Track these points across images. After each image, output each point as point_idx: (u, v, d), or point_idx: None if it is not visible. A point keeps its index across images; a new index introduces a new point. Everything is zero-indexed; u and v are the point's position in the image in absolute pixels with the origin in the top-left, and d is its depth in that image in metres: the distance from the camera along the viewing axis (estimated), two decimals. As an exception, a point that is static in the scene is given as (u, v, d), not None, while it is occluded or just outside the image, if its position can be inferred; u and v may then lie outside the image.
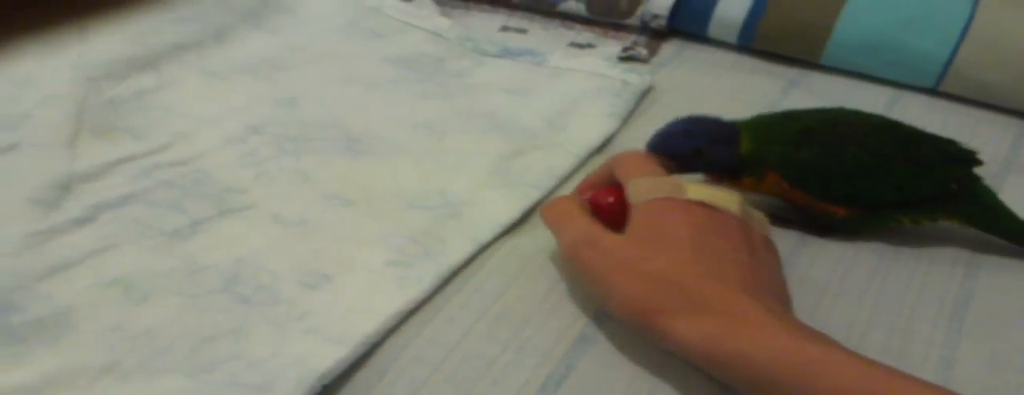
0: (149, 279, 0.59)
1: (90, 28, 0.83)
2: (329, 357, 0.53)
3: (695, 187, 0.56)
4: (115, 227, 0.62)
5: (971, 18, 0.82)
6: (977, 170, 0.64)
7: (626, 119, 0.78)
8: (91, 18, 0.85)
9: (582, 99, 0.79)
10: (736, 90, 0.84)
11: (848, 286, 0.62)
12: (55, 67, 0.77)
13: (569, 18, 0.94)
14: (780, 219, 0.65)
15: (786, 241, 0.64)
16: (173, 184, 0.66)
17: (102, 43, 0.81)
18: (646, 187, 0.57)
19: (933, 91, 0.84)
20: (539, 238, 0.65)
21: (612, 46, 0.89)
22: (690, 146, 0.61)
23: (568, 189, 0.70)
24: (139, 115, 0.74)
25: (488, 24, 0.94)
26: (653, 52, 0.89)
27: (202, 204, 0.65)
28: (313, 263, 0.61)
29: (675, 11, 0.90)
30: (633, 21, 0.91)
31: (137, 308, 0.57)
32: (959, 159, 0.64)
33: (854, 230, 0.65)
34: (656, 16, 0.90)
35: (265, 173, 0.68)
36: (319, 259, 0.61)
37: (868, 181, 0.62)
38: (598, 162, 0.73)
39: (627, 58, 0.88)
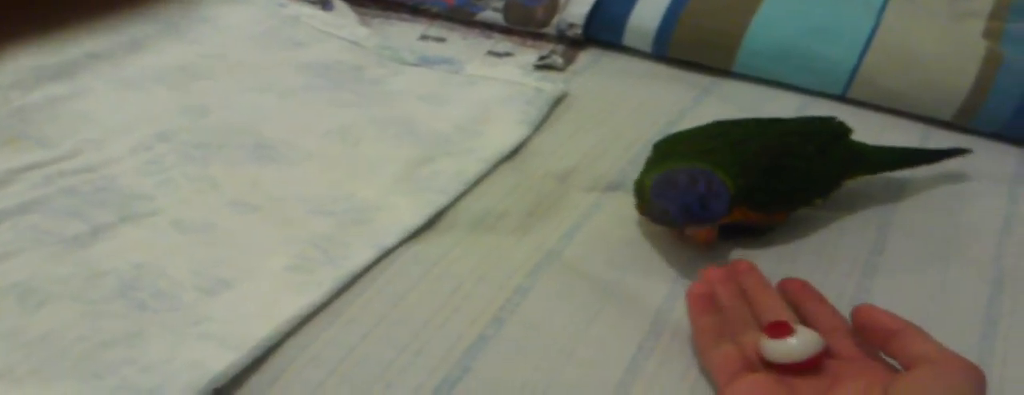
0: (46, 285, 0.58)
1: (4, 37, 0.83)
2: (222, 361, 0.53)
3: None
4: (13, 234, 0.62)
5: (876, 27, 0.84)
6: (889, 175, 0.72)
7: (539, 126, 0.79)
8: (5, 28, 0.85)
9: (495, 106, 0.80)
10: (650, 97, 0.85)
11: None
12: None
13: (488, 27, 0.95)
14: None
15: (684, 255, 0.66)
16: (75, 191, 0.66)
17: (12, 53, 0.80)
18: None
19: (842, 98, 0.86)
20: (443, 243, 0.65)
21: (529, 55, 0.91)
22: (719, 211, 0.58)
23: (477, 194, 0.71)
24: (49, 124, 0.74)
25: (408, 33, 0.95)
26: (570, 61, 0.90)
27: (104, 211, 0.65)
28: (213, 269, 0.61)
29: (591, 20, 0.91)
30: (550, 30, 0.92)
31: (33, 314, 0.56)
32: (842, 133, 0.69)
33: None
34: (572, 25, 0.91)
35: (170, 180, 0.68)
36: (219, 265, 0.61)
37: (809, 183, 0.66)
38: (508, 168, 0.74)
39: (543, 66, 0.89)
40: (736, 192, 0.60)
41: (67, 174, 0.68)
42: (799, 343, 0.51)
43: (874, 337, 0.51)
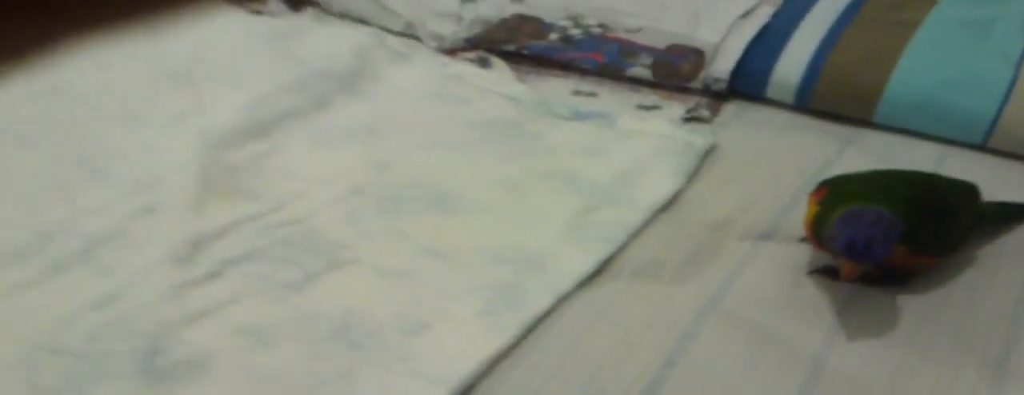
0: (271, 327, 0.67)
1: (206, 97, 0.93)
2: (429, 396, 0.60)
3: None
4: (240, 280, 0.71)
5: (1015, 79, 0.87)
6: None
7: (691, 177, 0.85)
8: (206, 87, 0.95)
9: (649, 159, 0.86)
10: (794, 148, 0.89)
11: (897, 336, 0.67)
12: (178, 136, 0.87)
13: (636, 82, 1.01)
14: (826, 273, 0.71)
15: (841, 293, 0.70)
16: (287, 241, 0.75)
17: (218, 113, 0.90)
18: None
19: (981, 147, 0.88)
20: (611, 291, 0.71)
21: (676, 107, 0.96)
22: (877, 256, 0.62)
23: (638, 244, 0.76)
24: (255, 178, 0.83)
25: (561, 88, 1.01)
26: (715, 112, 0.96)
27: (313, 259, 0.73)
28: (413, 312, 0.68)
29: (735, 74, 0.96)
30: (696, 84, 0.98)
31: (263, 352, 0.65)
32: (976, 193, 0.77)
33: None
34: (718, 80, 0.96)
35: (366, 231, 0.77)
36: (418, 308, 0.69)
37: (963, 231, 0.73)
38: (664, 218, 0.80)
39: (691, 119, 0.94)
40: (905, 229, 0.63)
41: (278, 225, 0.77)
42: None
43: None
